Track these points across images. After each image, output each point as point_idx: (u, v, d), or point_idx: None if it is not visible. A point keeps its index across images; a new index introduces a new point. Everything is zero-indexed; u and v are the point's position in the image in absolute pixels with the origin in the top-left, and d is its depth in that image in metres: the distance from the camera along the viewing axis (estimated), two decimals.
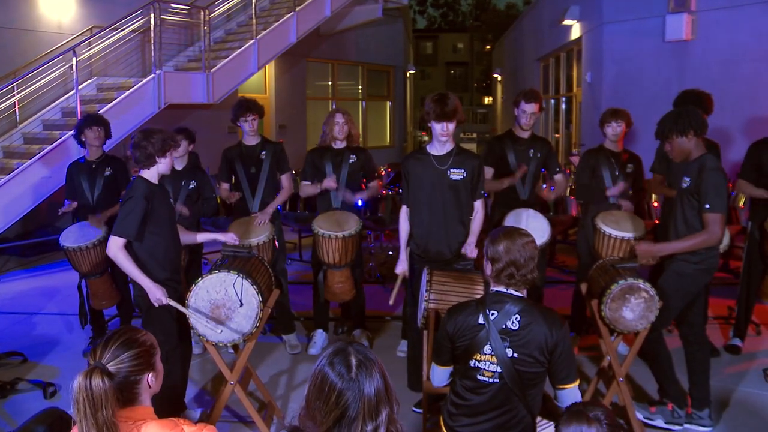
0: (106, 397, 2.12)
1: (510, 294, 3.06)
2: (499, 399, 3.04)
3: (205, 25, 10.49)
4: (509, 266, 3.01)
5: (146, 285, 4.14)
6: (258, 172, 5.94)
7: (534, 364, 2.97)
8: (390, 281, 7.88)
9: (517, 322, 2.99)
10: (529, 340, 2.96)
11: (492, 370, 3.00)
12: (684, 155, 4.40)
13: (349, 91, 18.91)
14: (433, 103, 4.52)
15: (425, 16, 58.71)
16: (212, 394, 5.19)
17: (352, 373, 1.94)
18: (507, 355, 2.96)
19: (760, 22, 9.82)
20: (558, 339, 2.95)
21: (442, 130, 4.57)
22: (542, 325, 2.97)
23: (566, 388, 3.03)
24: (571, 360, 3.01)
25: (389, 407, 1.97)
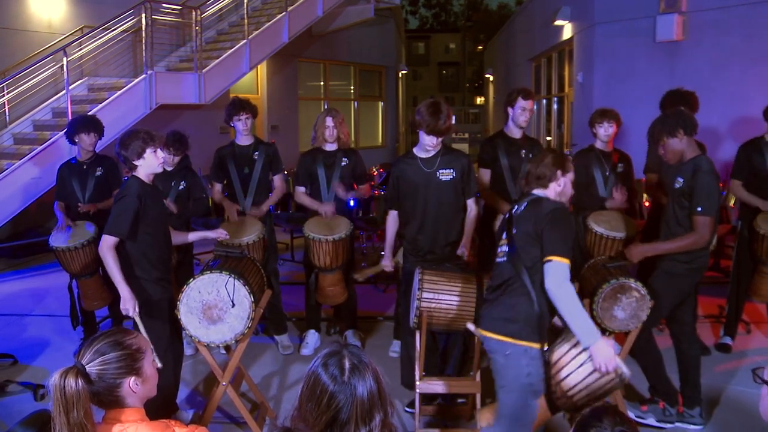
0: (79, 398, 2.11)
1: (531, 193, 3.65)
2: (506, 274, 3.50)
3: (197, 25, 10.47)
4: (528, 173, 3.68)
5: (123, 293, 4.12)
6: (251, 172, 5.93)
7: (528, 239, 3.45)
8: (382, 281, 7.89)
9: (523, 207, 3.57)
10: (524, 220, 3.50)
11: (503, 251, 3.58)
12: (677, 156, 4.43)
13: (341, 91, 18.90)
14: (429, 115, 4.50)
15: (417, 17, 58.73)
16: (204, 395, 5.18)
17: (345, 377, 1.94)
18: (512, 233, 3.54)
19: (749, 23, 9.87)
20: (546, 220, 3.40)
21: (431, 143, 4.58)
22: (538, 209, 3.49)
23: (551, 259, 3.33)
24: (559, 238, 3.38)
25: (383, 412, 1.97)
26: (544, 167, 3.62)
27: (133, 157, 4.17)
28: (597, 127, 5.67)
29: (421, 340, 4.26)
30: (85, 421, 2.12)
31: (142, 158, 4.19)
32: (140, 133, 4.19)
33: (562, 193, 3.65)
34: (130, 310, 4.12)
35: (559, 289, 3.29)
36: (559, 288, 3.29)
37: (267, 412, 4.76)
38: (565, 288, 3.28)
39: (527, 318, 3.40)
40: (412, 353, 4.60)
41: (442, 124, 4.50)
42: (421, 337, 4.26)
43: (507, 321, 3.42)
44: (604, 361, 3.21)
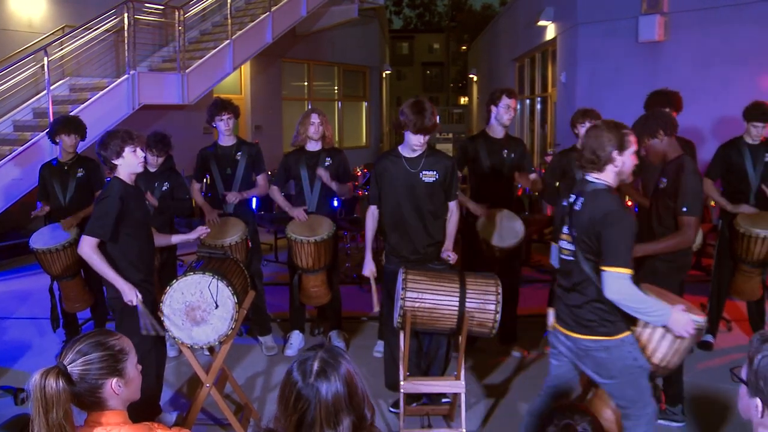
0: (58, 398, 2.09)
1: (586, 179, 3.41)
2: (575, 275, 3.39)
3: (180, 26, 10.44)
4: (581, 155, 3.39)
5: (120, 286, 4.09)
6: (233, 172, 5.91)
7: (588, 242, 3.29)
8: (366, 282, 7.87)
9: (581, 203, 3.34)
10: (581, 221, 3.30)
11: (569, 249, 3.41)
12: (660, 157, 4.45)
13: (325, 91, 18.88)
14: (413, 114, 4.49)
15: (401, 17, 58.74)
16: (188, 396, 5.16)
17: (311, 378, 1.95)
18: (573, 234, 3.35)
19: (729, 25, 9.97)
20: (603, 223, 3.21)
21: (419, 142, 4.57)
22: (594, 209, 3.27)
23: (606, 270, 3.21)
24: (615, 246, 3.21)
25: (356, 415, 1.96)
26: (598, 148, 3.34)
27: (113, 157, 4.14)
28: (579, 127, 5.68)
29: (405, 340, 4.26)
30: (64, 422, 2.10)
31: (122, 157, 4.15)
32: (119, 132, 4.17)
33: (621, 172, 3.40)
34: (134, 299, 4.10)
35: (620, 299, 3.21)
36: (618, 297, 3.21)
37: (251, 414, 4.74)
38: (626, 297, 3.20)
39: (613, 313, 3.34)
40: (396, 353, 4.60)
41: (428, 121, 4.50)
42: (405, 337, 4.25)
43: (597, 322, 3.38)
44: (683, 328, 3.23)
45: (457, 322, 4.22)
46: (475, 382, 5.27)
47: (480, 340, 5.92)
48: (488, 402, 5.00)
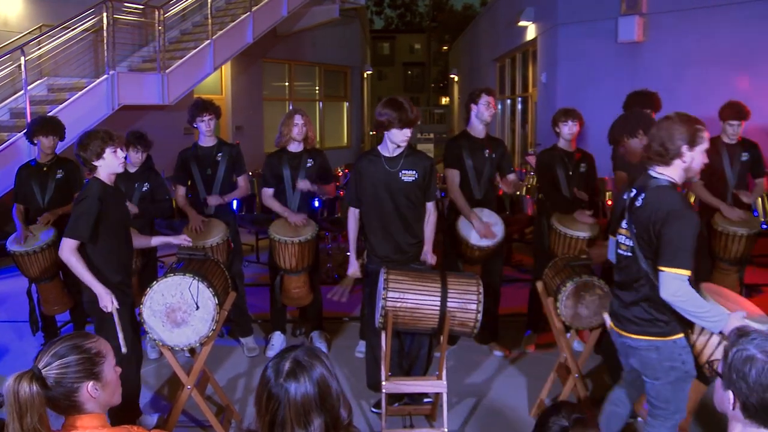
0: (32, 403, 2.07)
1: (649, 174, 3.31)
2: (633, 273, 3.32)
3: (160, 25, 10.37)
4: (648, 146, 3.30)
5: (98, 290, 4.06)
6: (214, 173, 5.88)
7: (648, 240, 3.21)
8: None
9: (641, 200, 3.25)
10: (642, 218, 3.22)
11: (627, 245, 3.34)
12: (638, 156, 4.49)
13: (306, 91, 18.85)
14: (395, 111, 4.49)
15: (382, 17, 58.77)
16: (169, 399, 5.12)
17: (281, 378, 1.96)
18: (633, 230, 3.28)
19: (706, 26, 10.09)
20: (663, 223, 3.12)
21: (406, 136, 4.57)
22: (656, 206, 3.17)
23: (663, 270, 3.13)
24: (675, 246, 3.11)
25: (328, 416, 1.97)
26: (668, 141, 3.21)
27: (93, 158, 4.10)
28: (561, 125, 5.72)
29: (387, 340, 4.26)
30: (39, 426, 2.07)
31: (102, 158, 4.12)
32: (99, 133, 4.13)
33: (689, 169, 3.27)
34: (109, 305, 4.05)
35: (675, 301, 3.13)
36: (674, 299, 3.13)
37: (232, 415, 4.72)
38: (682, 299, 3.11)
39: (667, 314, 3.28)
40: (377, 353, 4.60)
41: (411, 114, 4.52)
42: (387, 337, 4.26)
43: (651, 322, 3.33)
44: None
45: (438, 322, 4.22)
46: (457, 382, 5.27)
47: (462, 340, 5.95)
48: (470, 401, 5.01)
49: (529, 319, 6.11)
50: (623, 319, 3.43)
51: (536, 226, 6.04)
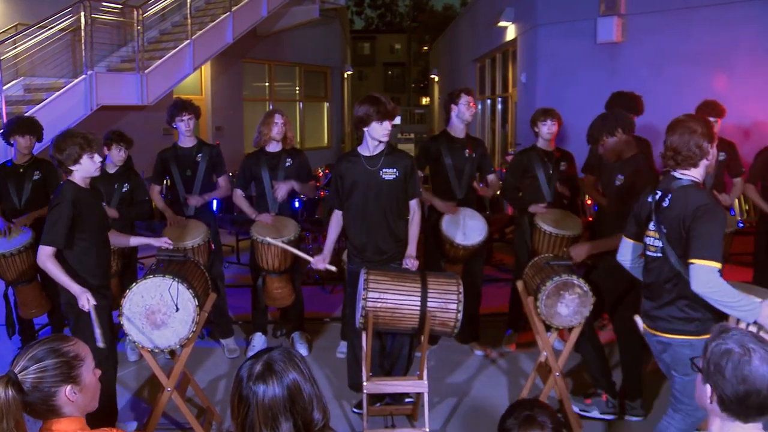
0: (8, 408, 2.04)
1: (673, 174, 3.40)
2: (665, 273, 3.39)
3: (139, 25, 10.29)
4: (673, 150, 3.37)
5: (74, 290, 4.00)
6: (194, 174, 5.85)
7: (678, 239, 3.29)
8: (329, 283, 7.88)
9: (668, 200, 3.35)
10: (671, 217, 3.30)
11: (656, 246, 3.41)
12: (617, 155, 4.54)
13: (286, 92, 18.80)
14: (373, 105, 4.50)
15: (363, 17, 58.74)
16: (149, 401, 5.08)
17: (251, 381, 1.97)
18: (662, 230, 3.35)
19: (684, 27, 10.19)
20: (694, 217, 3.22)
21: (387, 129, 4.56)
22: (684, 204, 3.27)
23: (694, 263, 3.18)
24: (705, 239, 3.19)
25: (299, 420, 1.96)
26: (695, 144, 3.33)
27: (69, 162, 4.06)
28: (540, 125, 5.75)
29: (368, 340, 4.26)
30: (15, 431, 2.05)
31: (78, 164, 4.09)
32: (77, 137, 4.08)
33: (710, 165, 3.43)
34: (86, 304, 3.99)
35: (708, 292, 3.16)
36: (706, 291, 3.16)
37: (213, 417, 4.70)
38: (714, 290, 3.14)
39: (701, 311, 3.35)
40: (358, 354, 4.60)
41: (389, 106, 4.53)
42: (368, 338, 4.26)
43: (686, 321, 3.39)
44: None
45: (419, 322, 4.23)
46: (438, 382, 5.28)
47: (443, 339, 5.96)
48: (451, 401, 5.02)
49: (509, 318, 6.13)
50: (657, 319, 3.49)
51: (517, 225, 6.07)
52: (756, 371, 1.97)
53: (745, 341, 2.01)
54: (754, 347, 1.99)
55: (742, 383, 1.98)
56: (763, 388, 1.97)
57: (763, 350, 1.99)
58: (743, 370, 1.98)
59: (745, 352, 1.99)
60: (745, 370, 1.97)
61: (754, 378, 1.97)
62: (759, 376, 1.97)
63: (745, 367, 1.98)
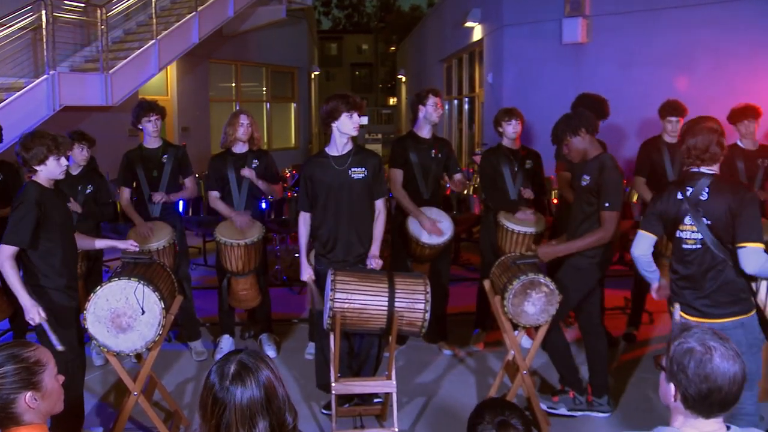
0: None
1: (703, 171, 3.62)
2: (707, 263, 3.58)
3: (102, 24, 10.15)
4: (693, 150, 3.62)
5: (24, 302, 3.91)
6: (159, 175, 5.80)
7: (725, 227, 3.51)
8: (296, 284, 7.84)
9: (706, 193, 3.56)
10: (715, 207, 3.52)
11: (694, 238, 3.58)
12: (581, 155, 4.58)
13: (253, 92, 18.69)
14: (339, 98, 4.53)
15: (330, 17, 58.66)
16: (115, 406, 5.02)
17: (227, 382, 1.95)
18: (704, 223, 3.54)
19: (647, 28, 10.33)
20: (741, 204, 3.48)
21: (355, 123, 4.56)
22: (728, 193, 3.52)
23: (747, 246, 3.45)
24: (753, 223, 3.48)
25: (274, 420, 1.96)
26: (718, 142, 3.61)
27: (34, 162, 4.00)
28: (504, 125, 5.80)
29: (336, 341, 4.26)
30: None
31: (44, 164, 4.02)
32: (46, 138, 4.01)
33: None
34: (36, 317, 3.92)
35: (761, 271, 3.46)
36: (760, 270, 3.46)
37: (181, 421, 4.66)
38: (766, 267, 3.45)
39: (745, 291, 3.61)
40: (327, 355, 4.59)
41: (356, 99, 4.56)
42: (335, 339, 4.25)
43: (734, 302, 3.59)
44: None
45: (386, 322, 4.24)
46: (407, 381, 5.30)
47: (411, 339, 5.98)
48: (420, 401, 5.04)
49: (477, 317, 6.17)
50: (705, 307, 3.65)
51: (483, 224, 6.10)
52: (717, 369, 2.01)
53: (706, 339, 2.06)
54: (714, 345, 2.04)
55: (704, 381, 2.02)
56: (724, 385, 2.02)
57: (723, 348, 2.04)
58: (705, 368, 2.02)
59: (707, 350, 2.03)
60: (707, 368, 2.02)
61: (716, 375, 2.01)
62: (720, 373, 2.01)
63: (707, 365, 2.02)
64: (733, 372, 2.02)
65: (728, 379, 2.01)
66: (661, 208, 3.75)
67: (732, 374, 2.02)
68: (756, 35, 9.45)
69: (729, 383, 2.02)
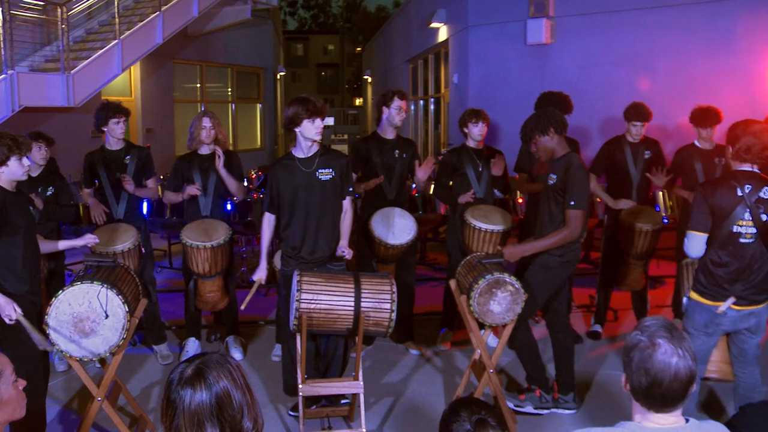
0: None
1: (756, 171, 3.91)
2: (757, 255, 3.89)
3: (63, 23, 9.98)
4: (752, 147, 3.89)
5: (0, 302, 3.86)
6: None
7: None
8: (263, 286, 7.79)
9: (765, 191, 3.85)
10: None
11: (751, 233, 3.84)
12: (549, 154, 4.62)
13: (218, 93, 18.55)
14: (302, 104, 4.49)
15: (296, 18, 58.46)
16: (79, 412, 4.94)
17: (180, 385, 1.93)
18: (762, 219, 3.82)
19: (608, 30, 10.47)
20: None
21: (319, 127, 4.55)
22: None
23: None
24: None
25: (227, 427, 1.92)
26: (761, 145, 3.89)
27: None
28: (471, 126, 5.82)
29: (302, 342, 4.25)
30: None
31: (5, 165, 3.94)
32: (5, 138, 3.93)
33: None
34: (12, 314, 3.82)
35: None
36: None
37: (146, 425, 4.60)
38: None
39: None
40: (294, 356, 4.57)
41: (319, 104, 4.53)
42: (302, 340, 4.24)
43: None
44: None
45: (353, 323, 4.23)
46: (374, 382, 5.30)
47: (378, 340, 5.98)
48: (388, 401, 5.04)
49: (444, 317, 6.19)
50: (755, 295, 3.94)
51: (449, 224, 6.13)
52: (658, 364, 2.06)
53: (656, 334, 2.10)
54: (660, 341, 2.08)
55: (645, 375, 2.08)
56: (664, 381, 2.06)
57: (669, 345, 2.07)
58: (646, 363, 2.07)
59: (651, 345, 2.08)
60: (648, 363, 2.07)
61: (656, 370, 2.06)
62: (660, 369, 2.06)
63: (648, 359, 2.07)
64: (675, 369, 2.05)
65: (669, 375, 2.05)
66: (716, 203, 3.92)
67: (674, 371, 2.05)
68: (713, 37, 9.64)
69: (670, 379, 2.05)
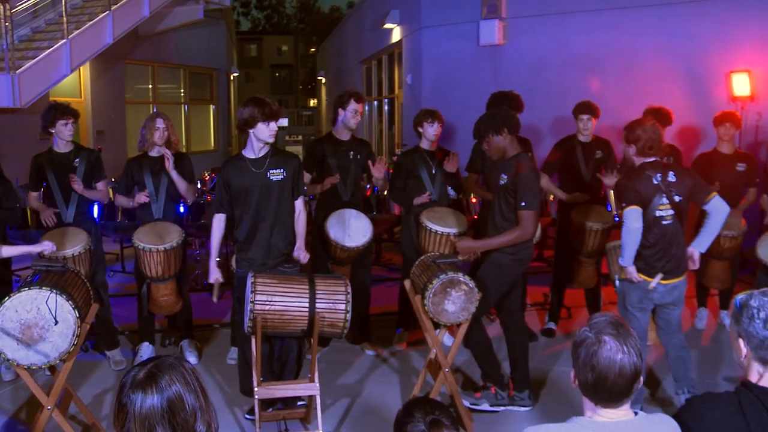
0: None
1: (659, 160, 4.48)
2: (675, 232, 4.42)
3: (7, 21, 9.73)
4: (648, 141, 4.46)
5: None
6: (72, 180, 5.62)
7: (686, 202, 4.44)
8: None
9: (674, 176, 4.39)
10: (684, 185, 4.41)
11: (670, 214, 4.38)
12: (500, 153, 4.67)
13: (171, 94, 18.32)
14: (257, 106, 4.46)
15: (249, 18, 58.04)
16: (27, 422, 4.82)
17: (131, 389, 1.91)
18: (676, 200, 4.38)
19: (561, 31, 10.60)
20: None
21: (273, 130, 4.53)
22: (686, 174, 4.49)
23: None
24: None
25: (177, 430, 1.91)
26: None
27: None
28: (426, 126, 5.84)
29: (257, 345, 4.22)
30: None
31: None
32: None
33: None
34: None
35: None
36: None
37: None
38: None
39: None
40: (249, 359, 4.54)
41: (274, 106, 4.52)
42: (257, 342, 4.21)
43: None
44: None
45: (308, 324, 4.22)
46: (331, 383, 5.29)
47: (333, 341, 5.97)
48: (344, 402, 5.04)
49: (399, 317, 6.21)
50: (676, 268, 4.44)
51: (404, 224, 6.14)
52: (603, 360, 2.09)
53: (603, 331, 2.13)
54: (606, 338, 2.11)
55: (590, 371, 2.11)
56: (609, 377, 2.09)
57: (614, 342, 2.10)
58: (592, 359, 2.10)
59: (597, 341, 2.11)
60: (594, 359, 2.10)
61: (600, 367, 2.09)
62: (605, 366, 2.08)
63: (593, 356, 2.10)
64: (620, 365, 2.08)
65: (614, 371, 2.08)
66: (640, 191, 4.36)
67: (618, 367, 2.08)
68: (658, 39, 9.83)
69: (615, 375, 2.08)
